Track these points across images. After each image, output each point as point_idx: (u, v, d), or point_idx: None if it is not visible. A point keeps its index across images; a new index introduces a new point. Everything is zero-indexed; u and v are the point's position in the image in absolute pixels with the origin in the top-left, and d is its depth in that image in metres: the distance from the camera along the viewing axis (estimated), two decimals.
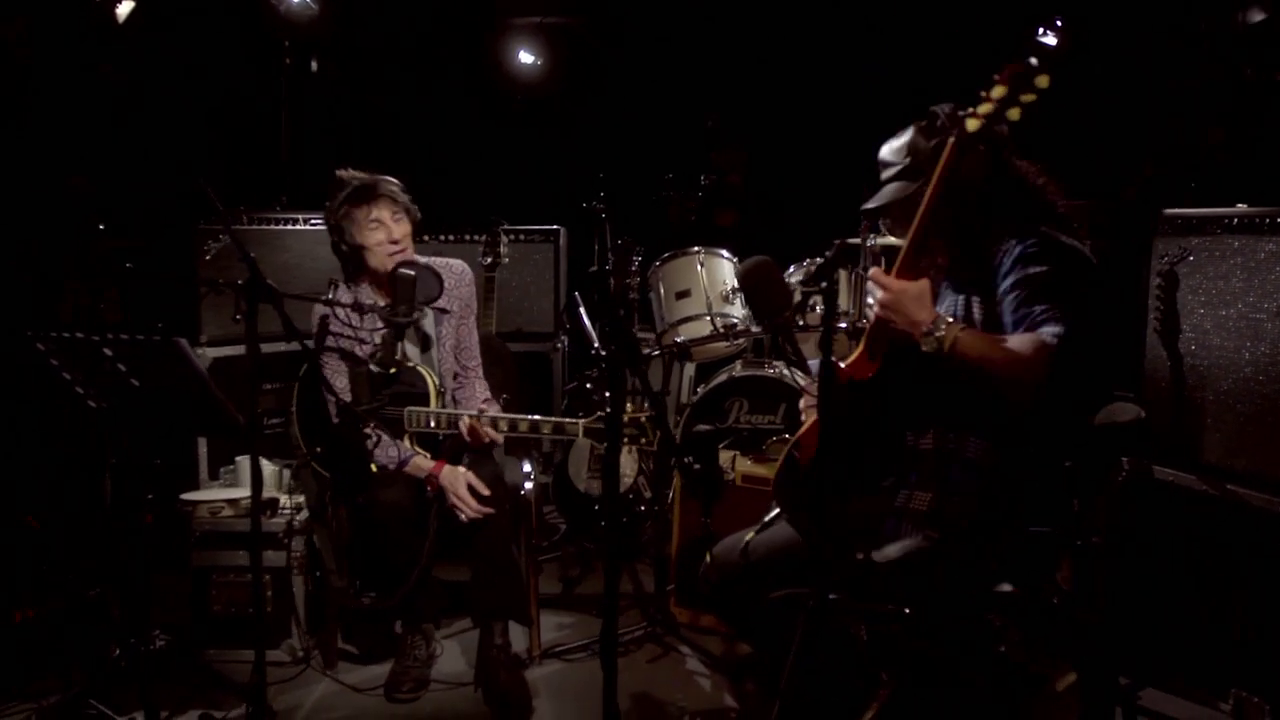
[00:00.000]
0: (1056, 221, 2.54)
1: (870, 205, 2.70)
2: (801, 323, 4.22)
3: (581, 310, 5.25)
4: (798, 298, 4.31)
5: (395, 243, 3.55)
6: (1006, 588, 1.15)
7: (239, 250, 2.92)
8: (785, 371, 4.97)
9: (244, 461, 3.95)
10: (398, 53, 6.11)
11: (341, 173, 3.60)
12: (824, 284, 2.32)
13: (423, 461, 3.52)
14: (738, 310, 5.01)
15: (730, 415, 5.01)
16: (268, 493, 3.85)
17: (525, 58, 6.48)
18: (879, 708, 1.22)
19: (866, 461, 2.50)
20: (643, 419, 3.25)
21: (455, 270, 3.77)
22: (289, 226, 4.63)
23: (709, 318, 4.93)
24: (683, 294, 5.00)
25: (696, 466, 2.63)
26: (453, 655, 3.83)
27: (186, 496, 3.80)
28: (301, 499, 3.84)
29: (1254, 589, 3.20)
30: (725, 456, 3.99)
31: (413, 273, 3.44)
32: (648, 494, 4.64)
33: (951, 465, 2.53)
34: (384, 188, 3.54)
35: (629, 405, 3.27)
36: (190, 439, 4.17)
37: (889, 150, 2.68)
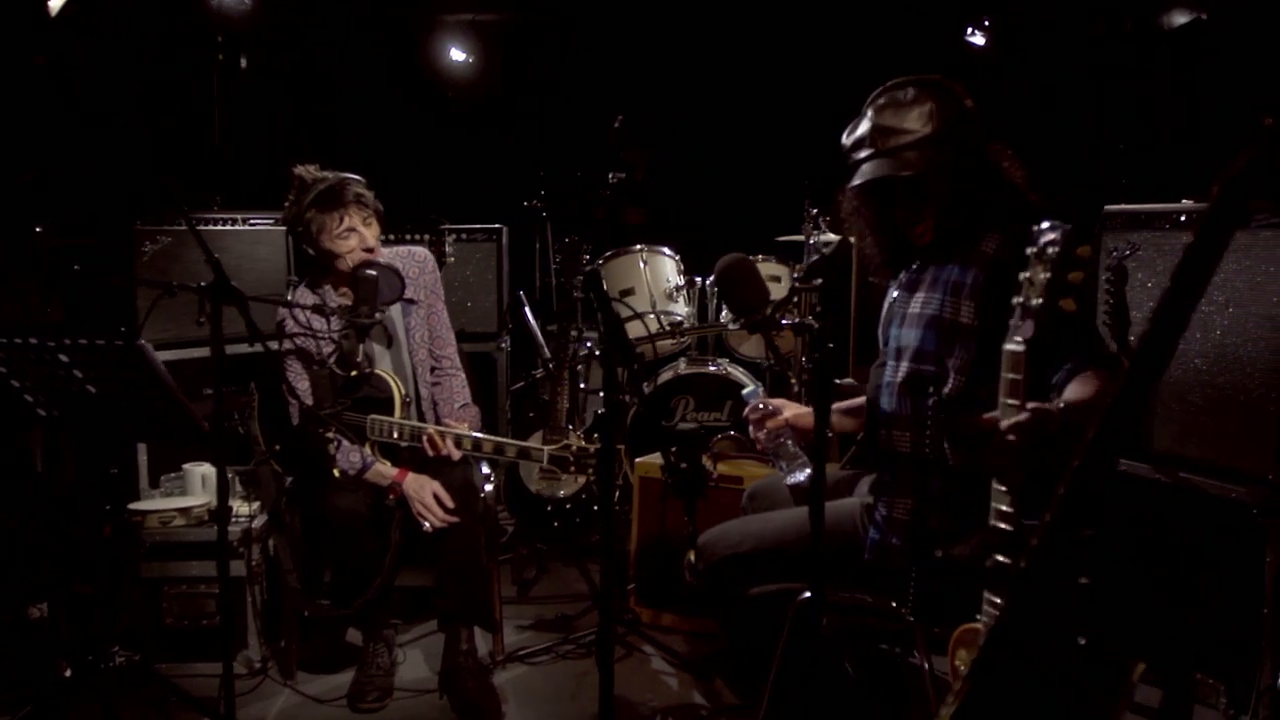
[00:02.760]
0: (1025, 204, 2.56)
1: (865, 177, 2.56)
2: (785, 320, 4.21)
3: (526, 309, 5.26)
4: (777, 294, 4.33)
5: (369, 249, 3.48)
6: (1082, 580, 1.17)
7: (204, 252, 2.83)
8: (729, 368, 5.01)
9: (191, 469, 3.83)
10: (331, 50, 5.99)
11: (301, 171, 3.49)
12: (819, 280, 2.30)
13: (385, 469, 3.45)
14: (681, 308, 5.04)
15: (677, 413, 5.04)
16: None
17: (457, 55, 6.42)
18: (959, 704, 1.23)
19: None
20: None
21: (418, 258, 3.70)
22: (227, 227, 4.51)
23: (653, 315, 4.96)
24: (626, 292, 5.02)
25: (683, 465, 2.62)
26: (415, 662, 3.77)
27: (135, 506, 3.67)
28: (257, 505, 3.74)
29: (1208, 573, 3.30)
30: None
31: (374, 273, 3.37)
32: None
33: (932, 475, 2.56)
34: (351, 190, 3.45)
35: (595, 436, 3.24)
36: (130, 447, 4.02)
37: (900, 119, 2.52)
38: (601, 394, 4.91)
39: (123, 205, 4.24)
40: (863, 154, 2.60)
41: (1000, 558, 1.94)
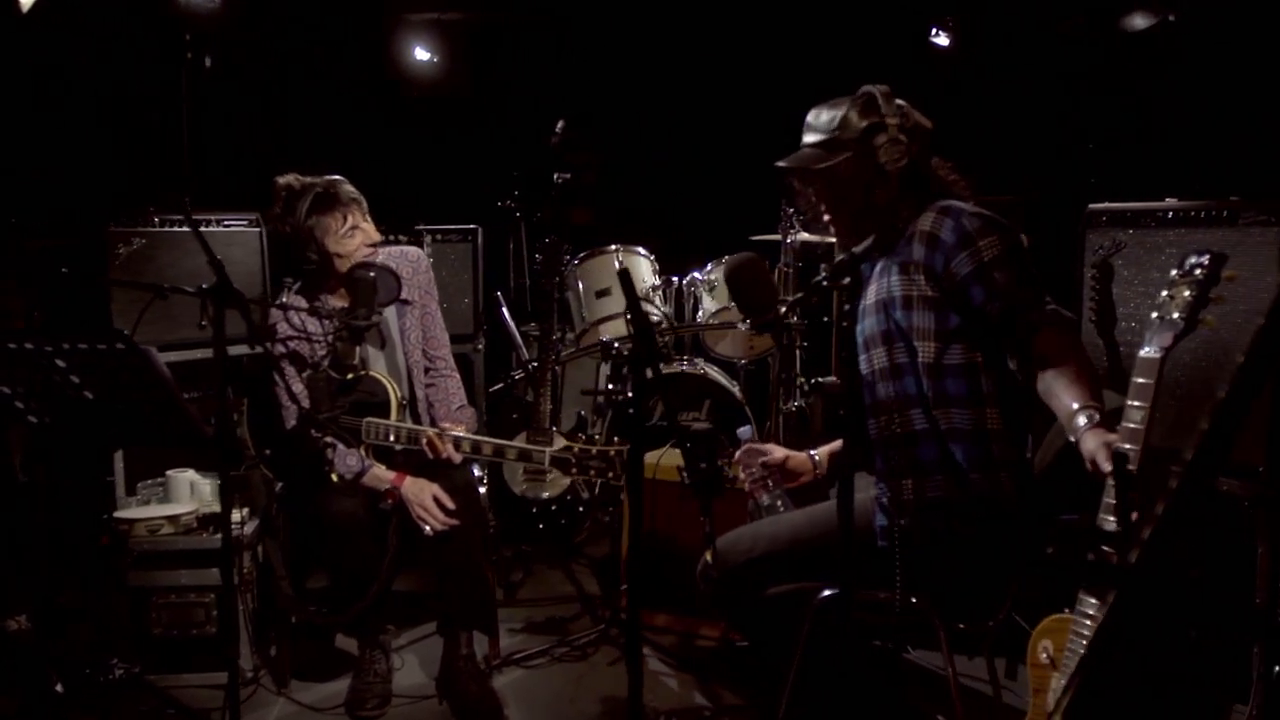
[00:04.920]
0: (955, 197, 2.70)
1: (785, 163, 2.76)
2: (793, 319, 4.21)
3: (504, 310, 5.22)
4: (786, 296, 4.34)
5: (374, 245, 3.45)
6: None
7: (208, 254, 2.78)
8: (706, 368, 5.02)
9: (176, 475, 3.75)
10: (297, 49, 5.89)
11: (287, 180, 3.45)
12: (847, 280, 2.30)
13: (382, 473, 3.40)
14: (658, 308, 5.02)
15: (655, 414, 5.03)
16: (209, 507, 3.68)
17: (421, 54, 6.34)
18: (1072, 697, 1.23)
19: None
20: (611, 453, 3.21)
21: (411, 258, 3.67)
22: (203, 229, 4.41)
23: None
24: (603, 292, 5.00)
25: (703, 465, 2.61)
26: (410, 667, 3.73)
27: (121, 514, 3.58)
28: (246, 510, 3.67)
29: (1201, 564, 3.35)
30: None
31: (372, 274, 3.33)
32: (586, 495, 4.61)
33: (925, 447, 2.59)
34: (345, 190, 3.42)
35: (597, 437, 3.24)
36: (110, 454, 3.92)
37: (819, 117, 2.72)
38: (598, 393, 4.92)
39: (96, 206, 4.14)
40: None
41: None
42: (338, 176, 3.48)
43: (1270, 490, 3.01)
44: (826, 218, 2.80)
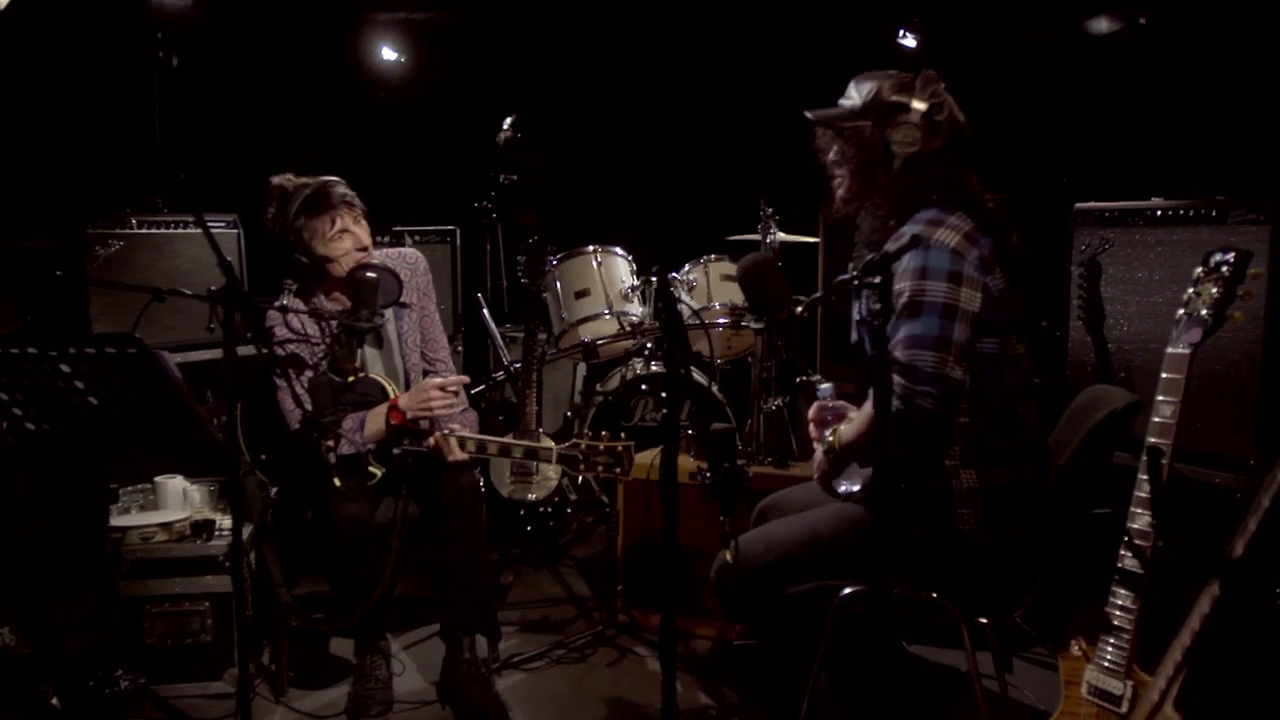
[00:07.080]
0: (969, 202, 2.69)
1: (812, 114, 2.79)
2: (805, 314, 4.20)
3: (485, 311, 5.19)
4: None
5: (364, 249, 3.40)
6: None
7: (217, 255, 2.71)
8: (690, 369, 5.02)
9: (164, 481, 3.67)
10: (271, 49, 5.79)
11: (280, 180, 3.41)
12: (879, 279, 2.31)
13: (378, 409, 3.36)
14: (637, 308, 5.01)
15: (636, 414, 5.03)
16: (201, 514, 3.62)
17: (388, 54, 6.28)
18: (1180, 686, 1.25)
19: None
20: (619, 448, 3.21)
21: (409, 259, 3.63)
22: (178, 230, 4.34)
23: (610, 316, 4.92)
24: (582, 293, 4.97)
25: (726, 465, 2.61)
26: (408, 671, 3.68)
27: (114, 522, 3.50)
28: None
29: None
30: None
31: (375, 275, 3.29)
32: (573, 496, 4.59)
33: (991, 434, 2.60)
34: (337, 192, 3.38)
35: (604, 434, 3.24)
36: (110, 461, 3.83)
37: (860, 84, 2.74)
38: (602, 393, 4.89)
39: (70, 208, 4.06)
40: None
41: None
42: (333, 178, 3.44)
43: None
44: (833, 182, 2.81)
